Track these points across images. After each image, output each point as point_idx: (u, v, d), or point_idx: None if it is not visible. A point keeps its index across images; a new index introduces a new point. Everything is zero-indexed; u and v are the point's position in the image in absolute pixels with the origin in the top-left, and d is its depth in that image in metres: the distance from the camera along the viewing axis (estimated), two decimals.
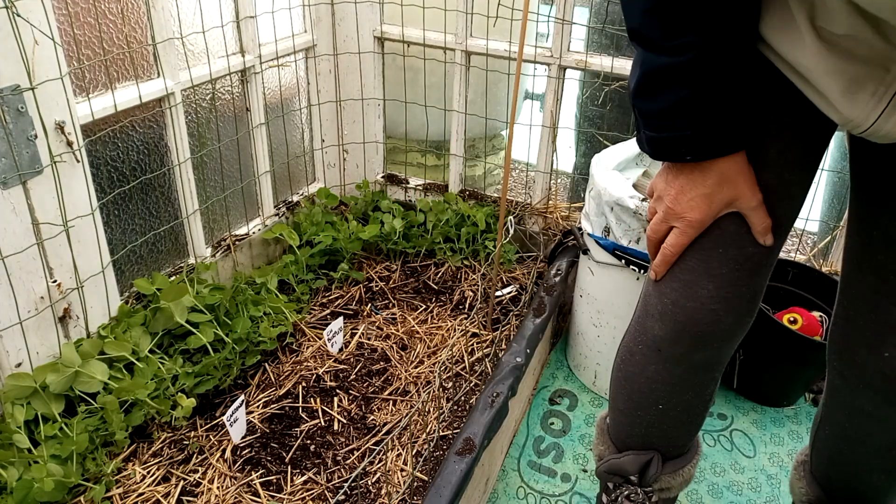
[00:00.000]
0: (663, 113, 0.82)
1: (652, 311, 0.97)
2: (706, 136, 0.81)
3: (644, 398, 1.05)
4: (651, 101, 0.82)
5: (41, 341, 1.35)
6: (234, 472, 1.40)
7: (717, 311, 0.91)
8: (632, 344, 1.04)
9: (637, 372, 1.03)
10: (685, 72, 0.78)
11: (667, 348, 0.97)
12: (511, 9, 1.87)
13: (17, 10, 1.14)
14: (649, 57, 0.79)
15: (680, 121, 0.81)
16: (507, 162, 1.61)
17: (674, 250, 0.91)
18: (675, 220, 0.89)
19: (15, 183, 1.22)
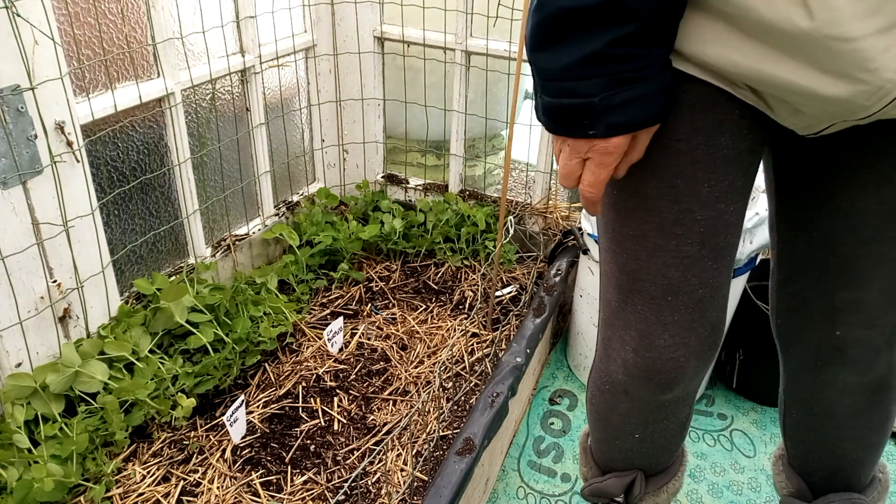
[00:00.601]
0: (567, 71, 0.66)
1: (614, 356, 0.93)
2: (616, 105, 0.67)
3: (619, 430, 1.04)
4: (553, 55, 0.66)
5: (41, 341, 1.35)
6: (234, 472, 1.40)
7: (677, 359, 0.87)
8: (599, 383, 1.01)
9: (608, 409, 1.02)
10: (598, 17, 0.63)
11: (634, 392, 0.95)
12: (511, 9, 1.87)
13: (17, 10, 1.14)
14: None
15: (590, 84, 0.66)
16: (507, 162, 1.61)
17: (595, 189, 0.75)
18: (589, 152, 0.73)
19: (15, 183, 1.22)
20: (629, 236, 0.82)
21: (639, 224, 0.80)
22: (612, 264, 0.87)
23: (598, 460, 1.13)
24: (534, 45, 0.68)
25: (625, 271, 0.85)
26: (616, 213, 0.83)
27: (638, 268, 0.83)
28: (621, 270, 0.85)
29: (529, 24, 0.68)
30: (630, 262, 0.83)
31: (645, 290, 0.84)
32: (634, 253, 0.82)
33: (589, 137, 0.70)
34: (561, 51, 0.66)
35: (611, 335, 0.93)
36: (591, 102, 0.67)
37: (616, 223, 0.83)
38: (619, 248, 0.84)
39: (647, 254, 0.81)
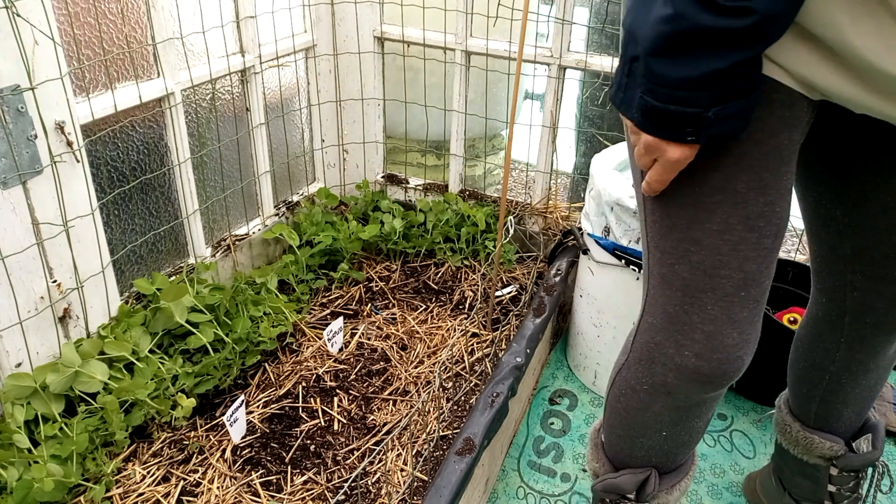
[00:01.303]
0: (685, 83, 0.68)
1: (664, 361, 0.92)
2: (723, 118, 0.70)
3: (647, 428, 1.03)
4: (674, 65, 0.67)
5: (41, 341, 1.35)
6: (234, 472, 1.40)
7: (741, 357, 0.89)
8: (634, 382, 1.00)
9: (641, 407, 1.01)
10: (733, 40, 0.65)
11: (681, 393, 0.94)
12: (511, 9, 1.87)
13: (17, 10, 1.14)
14: (692, 11, 0.63)
15: (703, 96, 0.68)
16: (507, 162, 1.61)
17: (658, 186, 0.81)
18: (656, 153, 0.78)
19: (15, 183, 1.22)
20: (711, 231, 0.81)
21: (724, 218, 0.80)
22: (679, 265, 0.85)
23: (611, 457, 1.13)
24: (655, 50, 0.68)
25: (700, 269, 0.84)
26: (696, 211, 0.81)
27: (717, 263, 0.82)
28: (695, 269, 0.84)
29: (655, 27, 0.66)
30: (709, 258, 0.82)
31: (720, 286, 0.84)
32: (715, 248, 0.82)
33: (687, 143, 0.73)
34: (684, 63, 0.67)
35: (661, 340, 0.92)
36: (701, 114, 0.69)
37: (694, 221, 0.82)
38: (695, 247, 0.83)
39: (730, 248, 0.81)
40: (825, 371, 1.18)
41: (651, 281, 0.92)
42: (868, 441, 1.22)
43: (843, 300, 1.10)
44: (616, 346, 1.69)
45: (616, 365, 1.07)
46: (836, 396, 1.20)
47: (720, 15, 0.63)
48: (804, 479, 1.29)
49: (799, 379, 1.25)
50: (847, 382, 1.17)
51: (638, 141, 0.78)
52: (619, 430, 1.08)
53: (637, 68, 0.71)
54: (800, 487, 1.31)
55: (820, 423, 1.24)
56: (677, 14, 0.64)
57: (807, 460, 1.27)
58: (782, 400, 1.32)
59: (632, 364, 1.01)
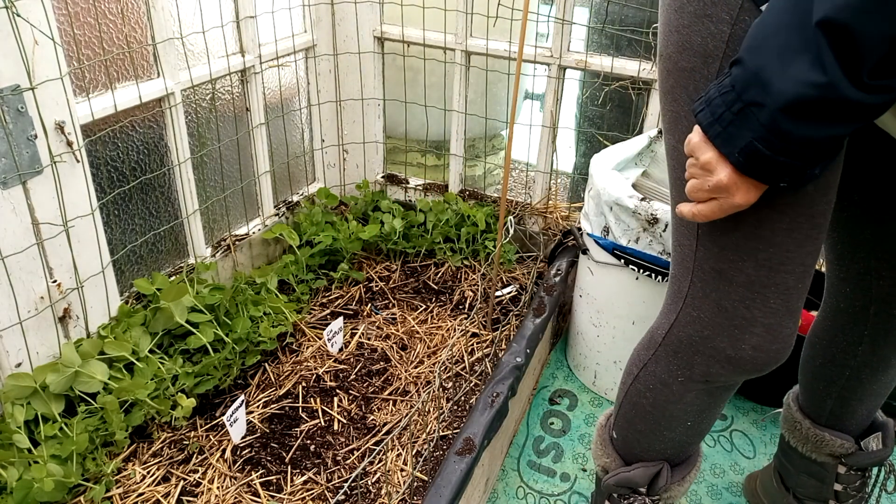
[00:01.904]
0: (806, 142, 0.69)
1: (711, 353, 0.94)
2: (822, 170, 0.75)
3: (674, 420, 1.04)
4: (804, 125, 0.67)
5: (41, 341, 1.35)
6: (234, 472, 1.40)
7: (791, 344, 0.92)
8: (665, 376, 1.01)
9: (673, 400, 1.02)
10: (864, 113, 0.66)
11: (721, 381, 0.97)
12: (511, 9, 1.87)
13: (17, 10, 1.14)
14: (844, 85, 0.63)
15: (809, 153, 0.70)
16: (507, 162, 1.61)
17: (704, 219, 0.83)
18: (721, 195, 0.78)
19: (15, 183, 1.22)
20: (781, 230, 0.84)
21: (794, 217, 0.83)
22: (746, 262, 0.87)
23: (623, 452, 1.14)
24: (790, 109, 0.67)
25: (766, 265, 0.86)
26: (769, 210, 0.83)
27: (784, 259, 0.85)
28: (760, 266, 0.86)
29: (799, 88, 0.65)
30: (777, 255, 0.85)
31: (783, 281, 0.87)
32: (783, 245, 0.85)
33: (778, 186, 0.76)
34: (813, 126, 0.68)
35: (711, 334, 0.93)
36: (803, 168, 0.72)
37: (767, 219, 0.84)
38: (763, 244, 0.85)
39: (796, 245, 0.85)
40: (845, 367, 1.18)
41: (699, 275, 0.92)
42: (878, 439, 1.22)
43: (868, 289, 1.10)
44: (616, 346, 1.69)
45: (636, 361, 1.07)
46: (853, 393, 1.19)
47: (865, 91, 0.64)
48: (810, 477, 1.29)
49: (815, 376, 1.23)
50: (867, 378, 1.17)
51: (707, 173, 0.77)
52: (640, 425, 1.08)
53: (757, 114, 0.70)
54: (805, 486, 1.31)
55: (832, 420, 1.24)
56: (830, 84, 0.64)
57: (815, 458, 1.27)
58: (791, 397, 1.32)
59: (661, 358, 1.01)
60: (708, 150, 0.76)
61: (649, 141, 1.73)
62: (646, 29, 1.78)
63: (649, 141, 1.73)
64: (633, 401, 1.08)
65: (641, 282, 1.55)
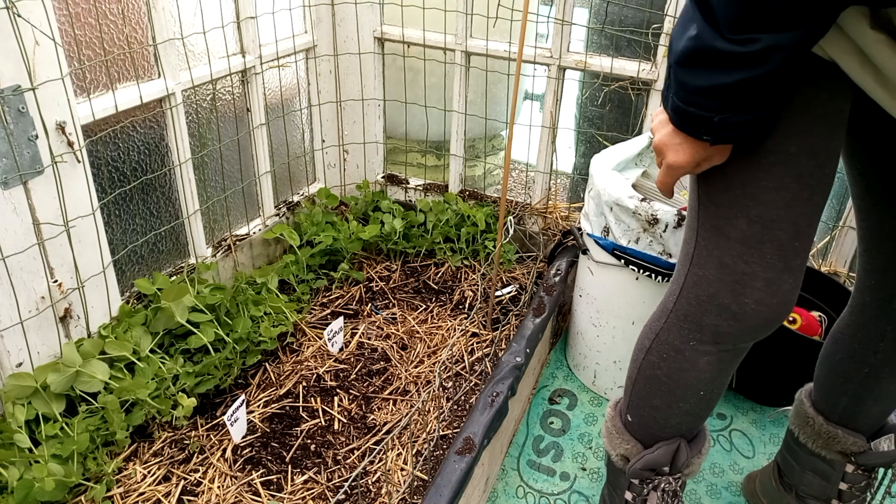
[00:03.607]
0: (698, 90, 0.81)
1: (717, 311, 0.98)
2: (731, 125, 0.82)
3: (688, 389, 1.07)
4: (690, 74, 0.81)
5: (42, 341, 1.35)
6: (234, 471, 1.41)
7: (792, 301, 0.97)
8: (678, 342, 1.05)
9: (686, 367, 1.05)
10: (737, 62, 0.77)
11: (730, 342, 1.01)
12: (511, 9, 1.87)
13: (17, 10, 1.15)
14: (708, 34, 0.77)
15: (712, 103, 0.81)
16: (507, 162, 1.61)
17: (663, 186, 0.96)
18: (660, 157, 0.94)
19: (16, 183, 1.22)
20: (768, 188, 0.90)
21: (780, 177, 0.89)
22: (738, 219, 0.93)
23: (641, 436, 1.15)
24: (678, 60, 0.82)
25: (758, 222, 0.92)
26: (753, 170, 0.90)
27: (775, 217, 0.91)
28: (753, 222, 0.92)
29: (681, 41, 0.81)
30: (767, 212, 0.91)
31: (776, 237, 0.92)
32: (772, 203, 0.90)
33: (703, 140, 0.86)
34: (697, 74, 0.81)
35: (716, 291, 0.98)
36: (710, 119, 0.82)
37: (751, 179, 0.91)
38: (752, 202, 0.91)
39: (785, 203, 0.90)
40: (864, 363, 1.18)
41: (702, 234, 0.98)
42: (891, 440, 1.21)
43: (892, 281, 1.10)
44: (616, 346, 1.69)
45: (647, 334, 1.10)
46: (869, 392, 1.19)
47: (728, 42, 0.76)
48: (815, 475, 1.29)
49: (834, 371, 1.23)
50: (885, 377, 1.17)
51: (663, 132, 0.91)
52: (656, 399, 1.11)
53: (673, 73, 0.85)
54: (809, 485, 1.31)
55: (845, 418, 1.24)
56: (699, 36, 0.78)
57: (824, 455, 1.27)
58: (804, 393, 1.32)
59: (673, 324, 1.05)
60: (658, 115, 0.92)
61: (649, 141, 1.74)
62: (645, 30, 1.78)
63: (649, 141, 1.74)
64: (647, 374, 1.10)
65: (641, 282, 1.56)
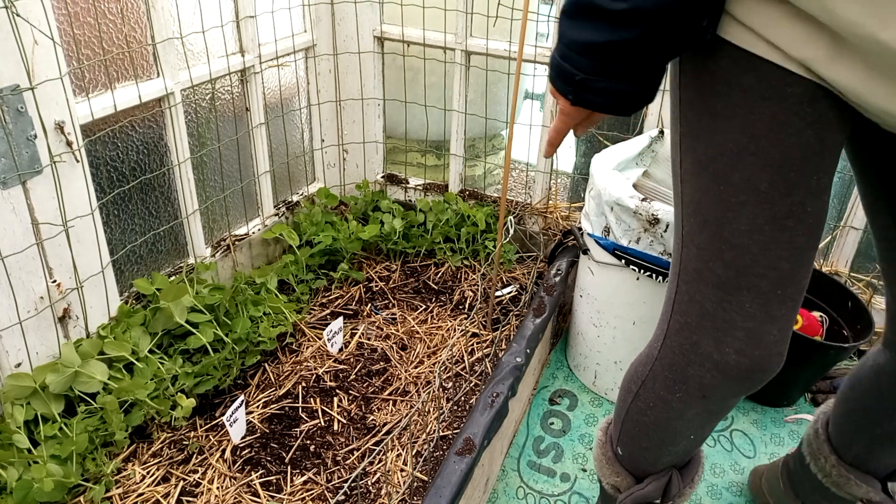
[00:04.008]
0: (572, 44, 0.76)
1: (701, 361, 0.91)
2: (591, 89, 0.78)
3: (677, 435, 1.02)
4: (570, 26, 0.76)
5: (41, 341, 1.35)
6: (233, 472, 1.40)
7: (781, 353, 0.88)
8: (664, 393, 0.99)
9: (673, 417, 1.00)
10: (607, 20, 0.72)
11: (717, 395, 0.93)
12: (511, 9, 1.87)
13: (16, 9, 1.14)
14: None
15: (582, 61, 0.76)
16: (507, 162, 1.61)
17: (554, 135, 0.94)
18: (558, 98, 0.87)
19: (14, 183, 1.22)
20: (740, 231, 0.81)
21: (752, 218, 0.80)
22: (713, 263, 0.85)
23: (631, 468, 1.11)
24: (564, 9, 0.77)
25: (732, 268, 0.84)
26: (724, 210, 0.82)
27: (750, 262, 0.82)
28: (728, 267, 0.84)
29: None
30: (740, 258, 0.83)
31: (754, 285, 0.83)
32: (745, 247, 0.82)
33: (565, 98, 0.81)
34: (574, 27, 0.76)
35: (698, 339, 0.90)
36: (573, 76, 0.78)
37: (723, 220, 0.83)
38: (725, 245, 0.83)
39: (760, 247, 0.81)
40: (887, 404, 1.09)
41: (683, 277, 0.91)
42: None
43: None
44: (616, 346, 1.69)
45: (634, 378, 1.04)
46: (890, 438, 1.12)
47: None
48: (824, 499, 1.25)
49: (856, 413, 1.16)
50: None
51: None
52: (644, 442, 1.06)
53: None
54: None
55: (859, 461, 1.18)
56: None
57: (834, 492, 1.22)
58: (821, 422, 1.25)
59: (658, 373, 0.99)
60: None
61: (650, 141, 1.73)
62: None
63: (650, 141, 1.73)
64: (635, 419, 1.06)
65: (642, 282, 1.55)
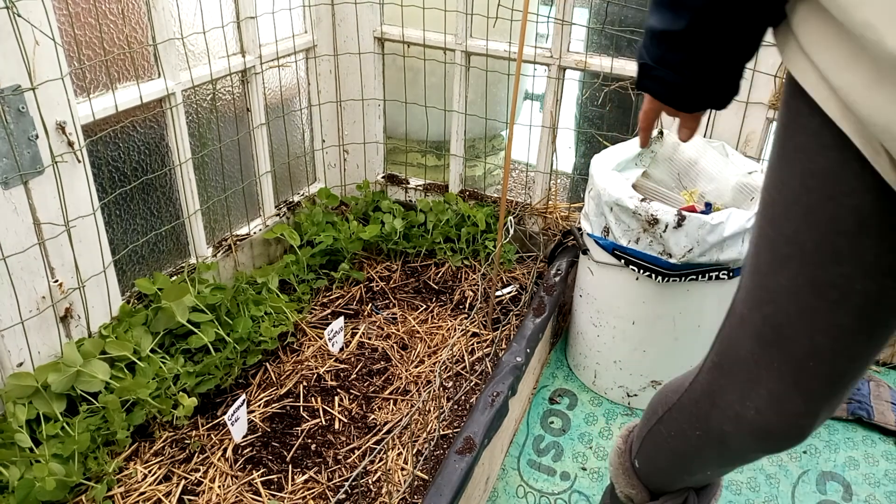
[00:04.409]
0: (646, 31, 0.79)
1: (725, 408, 0.86)
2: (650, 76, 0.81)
3: (694, 468, 1.00)
4: (650, 13, 0.78)
5: (43, 341, 1.36)
6: (235, 471, 1.41)
7: (804, 427, 0.81)
8: (686, 427, 0.94)
9: (691, 452, 0.97)
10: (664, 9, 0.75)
11: (736, 445, 0.88)
12: (511, 9, 1.87)
13: (17, 10, 1.15)
14: None
15: (651, 48, 0.79)
16: (507, 162, 1.61)
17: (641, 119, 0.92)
18: None
19: (16, 183, 1.22)
20: (781, 287, 0.74)
21: (793, 277, 0.73)
22: (755, 311, 0.79)
23: (647, 483, 1.10)
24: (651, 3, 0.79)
25: (769, 323, 0.77)
26: (771, 259, 0.75)
27: (784, 322, 0.75)
28: (765, 321, 0.77)
29: None
30: (776, 315, 0.76)
31: (787, 348, 0.76)
32: (782, 306, 0.75)
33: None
34: (652, 13, 0.78)
35: (726, 384, 0.85)
36: (641, 59, 0.82)
37: (769, 270, 0.76)
38: (767, 297, 0.77)
39: (797, 311, 0.74)
40: None
41: (730, 318, 0.85)
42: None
43: None
44: (616, 346, 1.69)
45: (663, 402, 1.01)
46: None
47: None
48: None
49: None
50: None
51: None
52: (662, 463, 1.05)
53: None
54: None
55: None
56: None
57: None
58: None
59: (685, 406, 0.95)
60: None
61: None
62: None
63: None
64: (656, 441, 1.04)
65: (641, 282, 1.56)
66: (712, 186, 1.64)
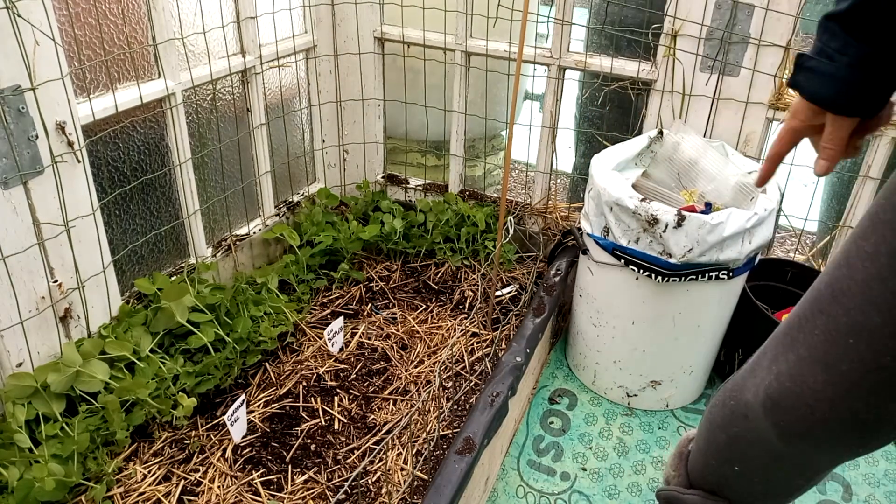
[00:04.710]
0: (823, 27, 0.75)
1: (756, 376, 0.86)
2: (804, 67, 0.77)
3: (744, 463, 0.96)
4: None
5: (42, 341, 1.35)
6: (234, 471, 1.41)
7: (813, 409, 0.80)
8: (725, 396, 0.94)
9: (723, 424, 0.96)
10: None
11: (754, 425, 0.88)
12: (511, 9, 1.87)
13: (17, 10, 1.15)
14: None
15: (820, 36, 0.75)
16: (507, 162, 1.61)
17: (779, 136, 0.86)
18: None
19: (16, 183, 1.22)
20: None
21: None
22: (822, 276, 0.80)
23: (690, 470, 1.08)
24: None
25: (829, 287, 0.78)
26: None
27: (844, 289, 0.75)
28: (828, 286, 0.78)
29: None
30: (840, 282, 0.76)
31: (834, 314, 0.76)
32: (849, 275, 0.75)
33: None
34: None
35: (767, 349, 0.87)
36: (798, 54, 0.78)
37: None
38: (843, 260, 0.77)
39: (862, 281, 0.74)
40: None
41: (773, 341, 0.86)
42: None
43: None
44: (615, 346, 1.69)
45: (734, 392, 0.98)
46: None
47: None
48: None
49: None
50: None
51: None
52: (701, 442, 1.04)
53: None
54: None
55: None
56: None
57: None
58: None
59: (738, 373, 0.96)
60: None
61: (649, 141, 1.74)
62: (645, 29, 1.78)
63: (649, 141, 1.74)
64: (707, 415, 1.02)
65: (641, 282, 1.56)
66: (712, 186, 1.64)
